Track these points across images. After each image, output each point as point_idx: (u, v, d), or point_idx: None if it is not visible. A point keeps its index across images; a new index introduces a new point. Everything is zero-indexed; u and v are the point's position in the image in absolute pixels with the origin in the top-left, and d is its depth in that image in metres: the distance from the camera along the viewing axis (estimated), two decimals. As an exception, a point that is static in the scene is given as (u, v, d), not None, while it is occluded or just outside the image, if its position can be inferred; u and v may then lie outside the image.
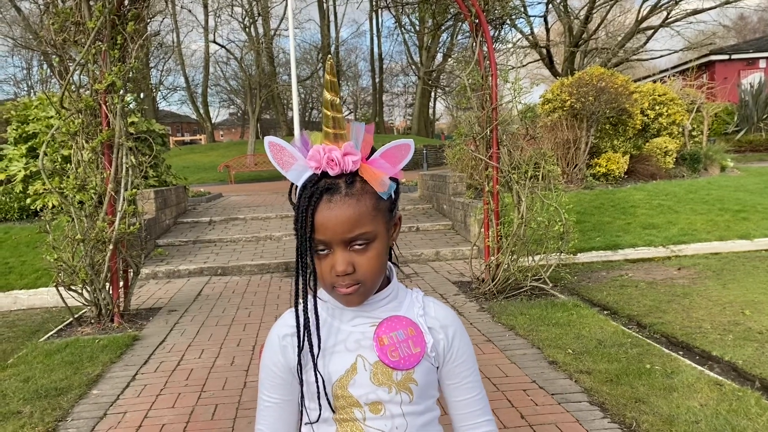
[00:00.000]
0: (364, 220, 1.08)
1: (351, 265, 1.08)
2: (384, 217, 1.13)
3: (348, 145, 1.08)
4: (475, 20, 5.43)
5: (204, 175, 23.53)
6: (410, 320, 1.19)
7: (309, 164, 1.08)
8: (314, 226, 1.07)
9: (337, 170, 1.07)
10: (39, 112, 9.16)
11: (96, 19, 4.75)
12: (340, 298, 1.13)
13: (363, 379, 1.15)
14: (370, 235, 1.09)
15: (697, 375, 3.42)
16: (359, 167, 1.09)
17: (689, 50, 26.63)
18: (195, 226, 9.38)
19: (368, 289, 1.14)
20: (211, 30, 39.87)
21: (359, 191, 1.09)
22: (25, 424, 3.16)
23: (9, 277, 6.74)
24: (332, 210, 1.06)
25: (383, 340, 1.15)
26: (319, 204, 1.07)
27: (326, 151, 1.07)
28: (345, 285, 1.10)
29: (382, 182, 1.09)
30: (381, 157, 1.12)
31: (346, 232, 1.07)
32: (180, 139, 46.19)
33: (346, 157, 1.07)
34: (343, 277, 1.08)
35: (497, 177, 5.45)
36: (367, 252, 1.10)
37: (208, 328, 4.96)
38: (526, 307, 4.95)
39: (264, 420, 1.24)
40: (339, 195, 1.07)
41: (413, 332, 1.17)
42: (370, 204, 1.09)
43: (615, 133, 10.37)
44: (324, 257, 1.10)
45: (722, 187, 9.24)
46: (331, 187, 1.07)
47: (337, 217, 1.06)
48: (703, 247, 7.22)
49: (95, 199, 4.92)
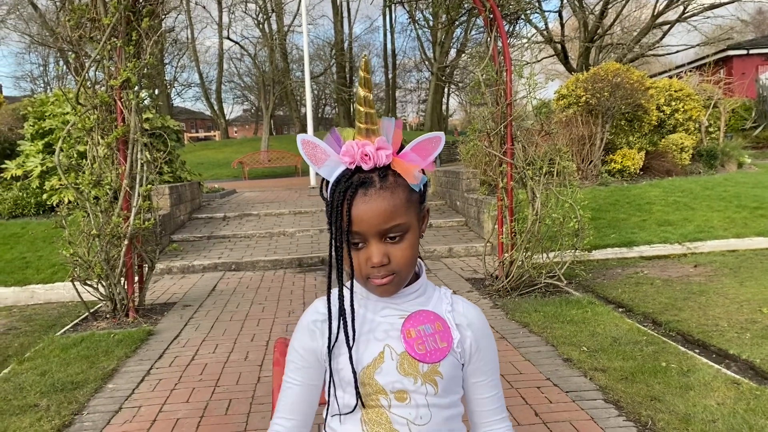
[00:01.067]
0: (398, 212, 1.11)
1: (386, 256, 1.12)
2: (415, 209, 1.16)
3: (380, 140, 1.11)
4: (490, 15, 5.40)
5: (218, 171, 23.63)
6: (438, 315, 1.21)
7: (342, 159, 1.12)
8: (351, 219, 1.10)
9: (370, 164, 1.11)
10: (55, 109, 9.23)
11: (111, 15, 4.77)
12: (375, 289, 1.16)
13: (389, 367, 1.17)
14: (404, 226, 1.13)
15: (713, 373, 3.39)
16: (391, 161, 1.13)
17: (706, 45, 26.31)
18: (209, 221, 9.42)
19: (402, 279, 1.17)
20: (225, 26, 40.00)
21: (392, 184, 1.12)
22: (42, 417, 3.19)
23: (26, 272, 6.81)
24: (368, 203, 1.10)
25: (411, 332, 1.18)
26: (355, 198, 1.10)
27: (360, 146, 1.10)
28: (380, 276, 1.13)
29: (415, 175, 1.13)
30: (412, 150, 1.15)
31: (381, 224, 1.10)
32: (194, 136, 46.46)
33: (379, 152, 1.11)
34: (379, 269, 1.12)
35: (511, 173, 5.41)
36: (401, 243, 1.13)
37: (222, 323, 4.98)
38: (540, 304, 4.93)
39: (284, 399, 1.27)
40: (374, 188, 1.10)
41: (440, 327, 1.20)
42: (403, 196, 1.13)
43: (630, 129, 10.29)
44: (359, 250, 1.13)
45: (739, 184, 9.13)
46: (365, 181, 1.11)
47: (373, 210, 1.10)
48: (720, 245, 7.14)
49: (110, 194, 4.95)
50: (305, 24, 15.82)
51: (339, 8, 40.61)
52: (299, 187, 14.23)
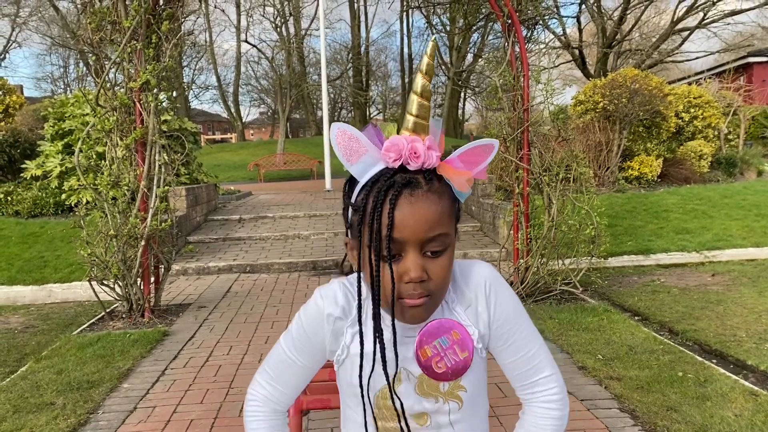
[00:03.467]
0: (444, 221, 0.98)
1: (425, 272, 0.97)
2: (454, 226, 1.03)
3: (431, 139, 0.99)
4: (508, 20, 5.39)
5: (234, 173, 23.74)
6: (452, 321, 1.06)
7: (386, 156, 0.98)
8: (392, 223, 0.95)
9: (418, 164, 0.97)
10: (75, 110, 9.34)
11: (132, 18, 4.82)
12: (405, 312, 1.01)
13: (407, 389, 1.08)
14: (448, 239, 1.00)
15: (731, 384, 3.34)
16: (438, 165, 1.00)
17: (726, 52, 26.06)
18: (225, 223, 9.47)
19: (435, 304, 1.03)
20: (243, 30, 40.24)
21: (439, 189, 0.99)
22: (58, 415, 3.22)
23: (44, 271, 6.89)
24: (414, 205, 0.95)
25: (426, 351, 1.04)
26: (399, 198, 0.95)
27: (410, 141, 0.97)
28: (416, 295, 0.98)
29: (468, 181, 1.01)
30: (459, 158, 1.03)
31: (426, 231, 0.96)
32: (211, 138, 46.72)
33: (430, 151, 0.98)
34: (415, 285, 0.97)
35: (527, 179, 5.39)
36: (441, 259, 0.99)
37: (236, 324, 5.00)
38: (556, 312, 4.90)
39: (276, 369, 1.17)
40: (421, 190, 0.96)
41: (458, 335, 1.05)
42: (448, 205, 1.00)
43: (648, 135, 10.21)
44: (392, 263, 0.98)
45: (759, 192, 9.02)
46: (411, 181, 0.97)
47: (419, 214, 0.95)
48: (739, 254, 7.06)
49: (128, 195, 4.99)
50: (322, 28, 15.87)
51: (356, 12, 40.73)
52: (314, 190, 14.26)
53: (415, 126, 0.99)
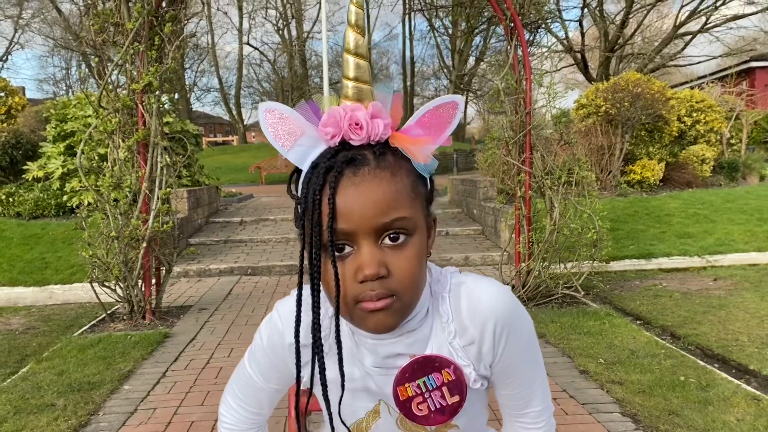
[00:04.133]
0: (401, 201, 0.79)
1: (384, 266, 0.79)
2: (422, 207, 0.84)
3: (376, 105, 0.80)
4: (510, 24, 5.39)
5: (235, 175, 23.77)
6: (444, 358, 0.89)
7: (323, 133, 0.81)
8: (334, 210, 0.77)
9: (362, 136, 0.79)
10: (77, 111, 9.35)
11: (135, 20, 4.83)
12: (365, 319, 0.82)
13: (387, 424, 0.94)
14: (409, 223, 0.80)
15: (733, 389, 3.33)
16: (390, 135, 0.81)
17: (729, 56, 26.05)
18: (226, 225, 9.47)
19: (404, 306, 0.83)
20: (245, 32, 40.37)
21: (393, 164, 0.80)
22: (59, 416, 3.22)
23: (45, 272, 6.88)
24: (359, 186, 0.78)
25: (407, 389, 0.88)
26: (340, 179, 0.78)
27: (348, 111, 0.79)
28: (375, 296, 0.79)
29: (423, 150, 0.81)
30: (416, 124, 0.83)
31: (378, 216, 0.77)
32: (212, 140, 46.77)
33: (375, 120, 0.80)
34: (373, 284, 0.79)
35: (529, 182, 5.39)
36: (404, 250, 0.80)
37: (237, 327, 4.99)
38: (557, 315, 4.89)
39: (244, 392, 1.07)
40: (367, 168, 0.79)
41: (449, 377, 0.88)
42: (408, 182, 0.81)
43: (650, 139, 10.20)
44: (343, 261, 0.80)
45: (761, 197, 9.01)
46: (355, 158, 0.79)
47: (366, 196, 0.77)
48: (741, 258, 7.05)
49: (130, 197, 4.99)
50: (325, 31, 15.88)
51: (359, 15, 40.78)
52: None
53: (356, 93, 0.81)
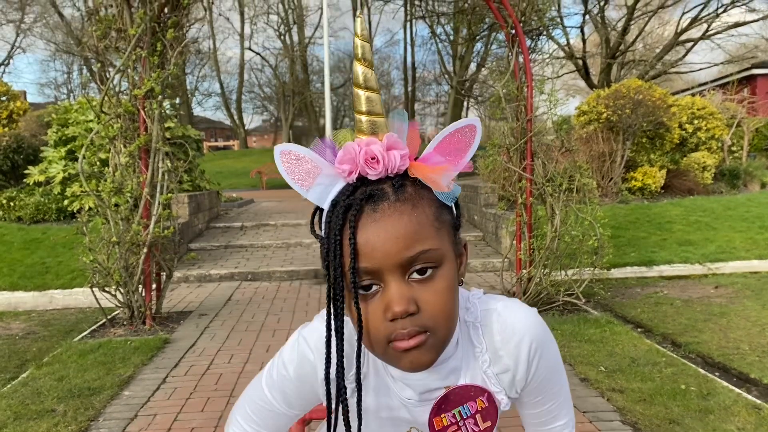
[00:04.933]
0: (425, 233, 0.77)
1: (413, 302, 0.77)
2: (449, 235, 0.82)
3: (391, 137, 0.79)
4: (512, 31, 5.40)
5: (236, 180, 23.78)
6: (479, 387, 0.90)
7: (340, 170, 0.80)
8: (356, 249, 0.76)
9: (379, 170, 0.78)
10: (78, 116, 9.37)
11: (137, 26, 4.84)
12: (401, 358, 0.80)
13: None
14: (436, 254, 0.78)
15: (734, 397, 3.32)
16: (408, 166, 0.80)
17: (730, 63, 26.10)
18: (227, 231, 9.47)
19: (439, 341, 0.81)
20: (246, 37, 40.50)
21: (413, 195, 0.79)
22: (59, 422, 3.21)
23: (46, 277, 6.88)
24: (379, 223, 0.76)
25: (443, 420, 0.90)
26: (360, 217, 0.76)
27: (362, 146, 0.78)
28: (406, 334, 0.77)
29: (443, 178, 0.79)
30: (435, 151, 0.82)
31: (402, 250, 0.76)
32: (213, 145, 46.83)
33: (390, 152, 0.78)
34: (404, 321, 0.77)
35: (531, 189, 5.39)
36: (434, 283, 0.78)
37: (237, 332, 4.99)
38: (558, 323, 4.88)
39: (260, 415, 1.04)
40: (387, 202, 0.77)
41: (483, 405, 0.90)
42: (431, 212, 0.79)
43: (652, 146, 10.20)
44: (370, 299, 0.79)
45: (762, 205, 9.00)
46: (374, 194, 0.77)
47: (388, 232, 0.76)
48: (742, 266, 7.04)
49: (131, 202, 5.00)
50: (326, 36, 15.95)
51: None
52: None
53: (370, 126, 0.80)
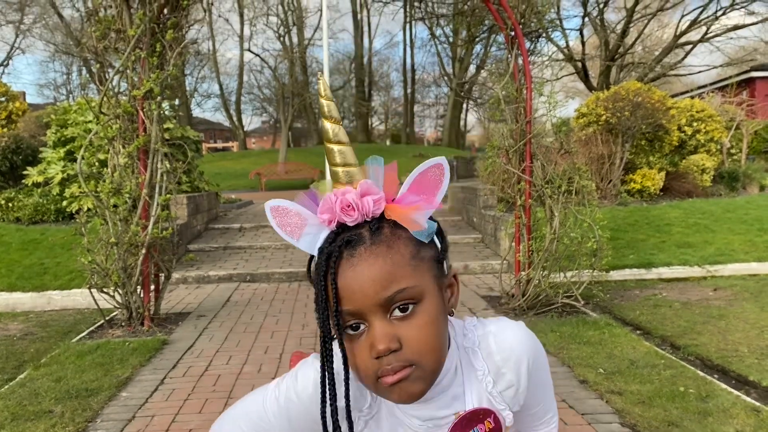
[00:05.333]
0: (400, 273, 0.82)
1: (395, 340, 0.82)
2: (431, 270, 0.87)
3: (365, 183, 0.85)
4: (511, 33, 5.40)
5: (235, 182, 23.77)
6: (486, 409, 0.95)
7: (321, 220, 0.86)
8: (338, 295, 0.83)
9: (355, 216, 0.84)
10: (77, 117, 9.36)
11: (137, 27, 4.84)
12: (391, 392, 0.85)
13: None
14: (413, 291, 0.83)
15: (733, 400, 3.32)
16: (384, 209, 0.85)
17: (729, 66, 26.12)
18: (225, 232, 9.47)
19: (427, 373, 0.85)
20: (246, 39, 40.50)
21: (389, 237, 0.84)
22: (56, 423, 3.21)
23: (44, 278, 6.87)
24: (357, 266, 0.82)
25: None
26: (339, 264, 0.83)
27: (339, 195, 0.84)
28: (391, 370, 0.82)
29: (414, 218, 0.85)
30: (409, 192, 0.87)
31: (379, 292, 0.81)
32: (212, 146, 46.81)
33: (364, 199, 0.84)
34: (388, 358, 0.82)
35: (530, 191, 5.39)
36: (415, 318, 0.83)
37: (236, 334, 4.98)
38: (557, 325, 4.88)
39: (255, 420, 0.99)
40: (363, 246, 0.83)
41: (490, 425, 0.95)
42: (407, 251, 0.84)
43: (651, 149, 10.21)
44: (357, 339, 0.84)
45: (761, 207, 9.01)
46: (352, 239, 0.83)
47: (364, 275, 0.81)
48: (741, 268, 7.04)
49: (130, 203, 4.99)
50: (326, 38, 15.93)
51: (360, 23, 40.98)
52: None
53: (345, 175, 0.86)
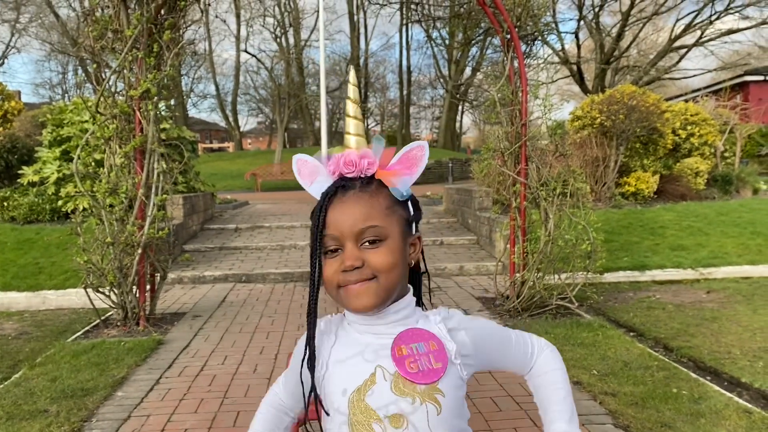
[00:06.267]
0: (375, 215, 1.09)
1: (360, 260, 1.07)
2: (399, 222, 1.12)
3: (365, 150, 1.12)
4: (507, 36, 5.43)
5: (231, 182, 23.76)
6: (431, 333, 1.14)
7: (328, 170, 1.14)
8: (325, 222, 1.10)
9: (353, 171, 1.11)
10: (73, 116, 9.35)
11: (134, 27, 4.84)
12: (351, 300, 1.10)
13: (383, 388, 1.09)
14: (381, 231, 1.09)
15: (725, 401, 3.35)
16: (375, 172, 1.12)
17: (723, 70, 26.26)
18: (221, 232, 9.47)
19: (382, 288, 1.09)
20: (242, 39, 40.44)
21: (374, 190, 1.11)
22: (52, 423, 3.21)
23: (39, 278, 6.86)
24: (344, 203, 1.09)
25: (402, 349, 1.11)
26: (333, 200, 1.10)
27: (344, 155, 1.12)
28: (353, 280, 1.08)
29: (395, 179, 1.11)
30: (396, 163, 1.13)
31: (357, 224, 1.07)
32: (208, 146, 46.76)
33: (362, 159, 1.11)
34: (352, 272, 1.07)
35: (525, 193, 5.41)
36: (379, 248, 1.08)
37: (231, 334, 4.99)
38: (551, 326, 4.90)
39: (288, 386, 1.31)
40: (353, 191, 1.10)
41: (435, 346, 1.12)
42: (384, 202, 1.11)
43: (645, 152, 10.25)
44: (333, 258, 1.10)
45: (754, 210, 9.06)
46: (346, 185, 1.11)
47: (350, 210, 1.08)
48: (734, 271, 7.08)
49: (126, 203, 4.99)
50: (322, 39, 15.95)
51: (356, 24, 40.98)
52: (311, 201, 14.21)
53: (356, 143, 1.14)
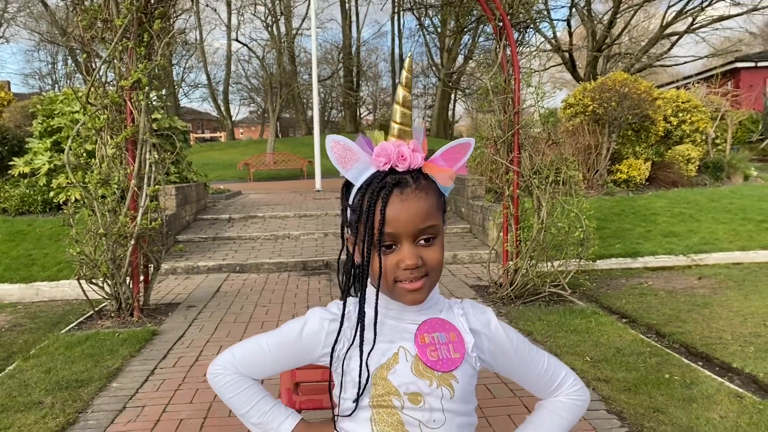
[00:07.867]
0: (432, 213, 1.12)
1: (420, 258, 1.10)
2: (442, 216, 1.16)
3: (415, 143, 1.13)
4: (499, 23, 5.42)
5: (223, 172, 23.64)
6: (452, 325, 1.20)
7: (376, 161, 1.12)
8: (384, 219, 1.09)
9: (406, 165, 1.11)
10: (64, 107, 9.28)
11: (124, 17, 4.80)
12: (405, 295, 1.13)
13: (404, 369, 1.16)
14: (437, 229, 1.13)
15: (716, 386, 3.39)
16: (423, 165, 1.14)
17: (714, 57, 26.29)
18: (214, 223, 9.45)
19: (432, 284, 1.16)
20: (233, 28, 40.12)
21: (426, 186, 1.12)
22: (47, 414, 3.21)
23: (32, 269, 6.84)
24: (405, 202, 1.09)
25: (424, 338, 1.17)
26: (390, 197, 1.09)
27: (396, 146, 1.11)
28: (412, 278, 1.11)
29: (450, 176, 1.14)
30: (440, 157, 1.16)
31: (418, 224, 1.10)
32: (200, 136, 46.51)
33: (415, 153, 1.12)
34: (412, 271, 1.10)
35: (517, 181, 5.42)
36: (433, 246, 1.13)
37: (226, 324, 4.99)
38: (544, 313, 4.93)
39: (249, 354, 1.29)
40: (409, 188, 1.10)
41: (455, 338, 1.19)
42: (435, 199, 1.14)
43: (637, 139, 10.28)
44: (388, 254, 1.12)
45: (745, 197, 9.12)
46: (400, 181, 1.10)
47: (410, 209, 1.09)
48: (725, 257, 7.13)
49: (118, 194, 4.97)
50: (314, 27, 15.85)
51: (348, 13, 40.72)
52: (304, 190, 14.24)
53: (400, 132, 1.13)
